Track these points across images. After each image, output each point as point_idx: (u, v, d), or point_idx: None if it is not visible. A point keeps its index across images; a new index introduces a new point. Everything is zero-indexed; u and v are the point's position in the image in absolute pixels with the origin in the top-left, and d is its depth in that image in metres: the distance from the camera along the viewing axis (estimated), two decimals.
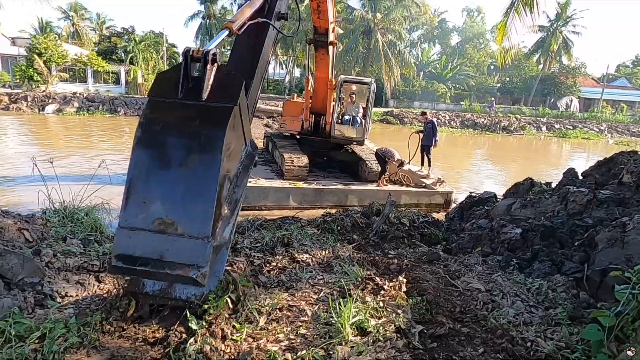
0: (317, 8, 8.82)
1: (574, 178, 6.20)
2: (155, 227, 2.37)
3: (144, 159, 2.47)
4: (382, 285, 3.69)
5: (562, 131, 33.79)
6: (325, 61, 10.36)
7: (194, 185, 2.42)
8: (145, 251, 2.38)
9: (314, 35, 9.89)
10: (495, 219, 6.22)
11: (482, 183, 14.14)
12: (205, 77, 2.53)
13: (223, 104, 2.53)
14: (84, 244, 5.02)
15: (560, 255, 4.35)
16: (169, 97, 2.53)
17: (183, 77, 2.53)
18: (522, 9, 8.61)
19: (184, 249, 2.36)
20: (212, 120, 2.49)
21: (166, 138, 2.47)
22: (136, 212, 2.40)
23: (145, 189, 2.42)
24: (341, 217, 6.95)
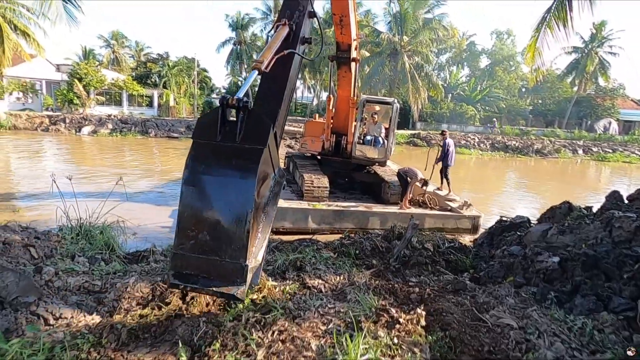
0: (340, 22, 8.69)
1: (619, 202, 5.60)
2: (202, 252, 2.86)
3: (191, 195, 2.91)
4: (398, 318, 3.27)
5: (601, 154, 32.13)
6: (347, 79, 10.20)
7: (232, 217, 2.87)
8: (195, 271, 2.90)
9: (336, 52, 9.78)
10: (529, 245, 5.67)
11: (514, 207, 13.38)
12: (238, 122, 2.92)
13: (254, 146, 2.92)
14: (91, 262, 4.88)
15: (606, 289, 3.80)
16: (209, 140, 2.94)
17: (220, 122, 2.94)
18: (555, 24, 8.18)
19: (226, 271, 2.86)
20: (246, 161, 2.90)
21: (208, 176, 2.90)
22: (186, 240, 2.89)
23: (192, 221, 2.89)
24: (360, 240, 6.56)
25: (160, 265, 4.73)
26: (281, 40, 3.76)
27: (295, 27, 4.04)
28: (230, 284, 2.85)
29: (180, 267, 2.92)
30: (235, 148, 2.90)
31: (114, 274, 4.46)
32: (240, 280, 2.84)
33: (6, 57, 22.06)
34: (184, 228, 2.88)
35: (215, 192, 2.89)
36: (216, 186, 2.89)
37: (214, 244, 2.84)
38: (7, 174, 14.27)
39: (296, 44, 4.01)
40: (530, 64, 8.67)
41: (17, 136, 23.76)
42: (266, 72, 3.54)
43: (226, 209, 2.87)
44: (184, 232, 2.88)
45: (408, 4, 30.88)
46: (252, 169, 2.87)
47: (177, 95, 38.28)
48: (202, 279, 2.89)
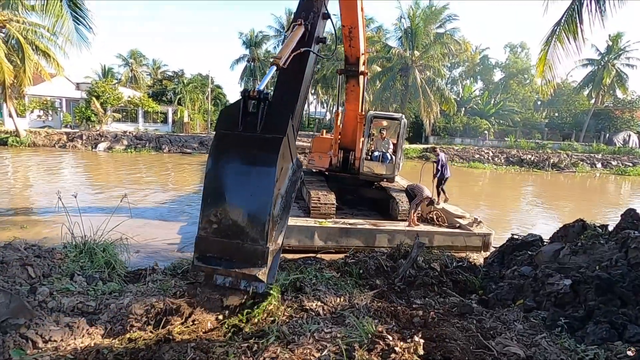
0: (349, 34, 8.70)
1: (635, 220, 5.32)
2: (225, 236, 3.03)
3: (214, 182, 3.10)
4: (394, 346, 3.10)
5: (620, 168, 31.20)
6: (356, 93, 10.16)
7: (253, 203, 3.04)
8: (218, 254, 3.10)
9: (344, 65, 9.79)
10: (541, 266, 5.42)
11: (533, 224, 12.94)
12: (259, 113, 3.10)
13: (274, 135, 3.09)
14: (88, 281, 4.83)
15: (621, 316, 3.55)
16: (232, 130, 3.12)
17: (242, 113, 3.12)
18: (565, 36, 8.00)
19: (248, 253, 3.03)
20: (266, 149, 3.07)
21: (230, 164, 3.09)
22: (209, 224, 3.06)
23: (216, 206, 3.06)
24: (364, 259, 6.38)
25: (156, 285, 4.66)
26: (297, 39, 3.97)
27: (311, 27, 4.27)
28: (252, 266, 3.05)
29: (204, 250, 3.11)
30: (256, 138, 3.08)
31: (109, 294, 4.40)
32: (262, 262, 3.03)
33: (27, 76, 22.81)
34: (207, 213, 3.07)
35: (238, 179, 3.07)
36: (238, 174, 3.07)
37: (236, 228, 3.02)
38: (23, 189, 14.56)
39: (311, 43, 4.24)
40: (541, 78, 8.46)
41: (36, 152, 24.39)
42: (284, 68, 3.74)
43: (248, 195, 3.04)
44: (207, 217, 3.06)
45: (419, 19, 30.99)
46: (272, 157, 3.04)
47: (192, 112, 38.92)
48: (225, 261, 3.09)
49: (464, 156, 31.96)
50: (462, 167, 29.76)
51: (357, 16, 8.30)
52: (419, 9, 31.49)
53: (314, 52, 4.31)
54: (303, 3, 4.54)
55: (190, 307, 4.15)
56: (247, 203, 3.05)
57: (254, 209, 3.04)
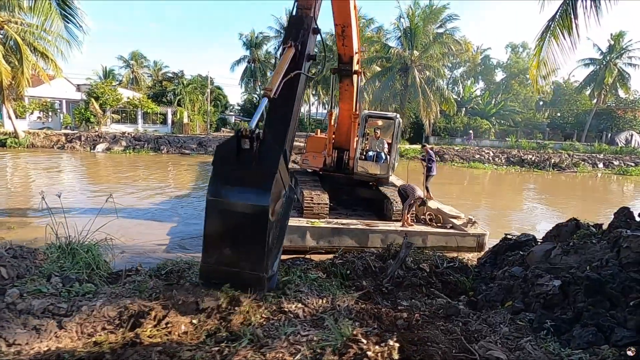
0: (342, 33, 8.60)
1: (628, 219, 5.16)
2: (225, 265, 3.44)
3: (215, 214, 3.39)
4: (367, 351, 2.95)
5: (622, 168, 30.92)
6: (350, 92, 10.04)
7: (250, 235, 3.37)
8: (220, 280, 3.51)
9: (338, 65, 9.69)
10: (531, 266, 5.26)
11: (534, 225, 12.74)
12: (253, 150, 3.34)
13: (267, 171, 3.36)
14: (64, 282, 4.70)
15: (608, 318, 3.40)
16: (227, 166, 3.40)
17: (236, 150, 3.37)
18: (560, 32, 7.84)
19: (246, 281, 3.45)
20: (260, 184, 3.33)
21: (228, 199, 3.35)
22: (211, 255, 3.45)
23: (216, 238, 3.42)
24: (352, 259, 6.24)
25: (133, 287, 4.53)
26: (288, 62, 4.08)
27: (301, 46, 4.35)
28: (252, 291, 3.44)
29: (207, 277, 3.53)
30: (250, 173, 3.35)
31: (82, 296, 4.27)
32: (259, 288, 3.45)
33: (25, 78, 22.80)
34: (209, 244, 3.43)
35: (235, 212, 3.34)
36: (235, 207, 3.34)
37: (236, 258, 3.39)
38: (16, 190, 14.49)
39: (302, 64, 4.34)
40: (535, 75, 8.31)
41: (34, 154, 24.37)
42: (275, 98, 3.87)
43: (245, 228, 3.35)
44: (209, 247, 3.42)
45: (419, 18, 30.82)
46: (266, 191, 3.30)
47: (191, 113, 38.90)
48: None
49: (464, 156, 31.76)
50: (462, 167, 29.56)
51: (350, 15, 8.19)
52: (419, 8, 31.37)
53: (305, 74, 4.43)
54: (293, 21, 4.60)
55: (165, 309, 4.01)
56: (244, 235, 3.38)
57: (251, 240, 3.38)
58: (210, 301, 4.07)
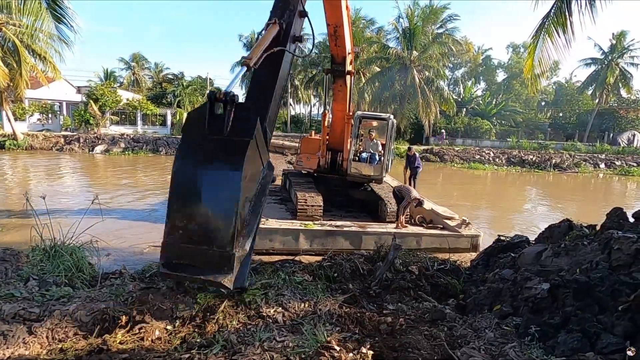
0: (334, 33, 8.49)
1: (621, 220, 5.02)
2: (191, 242, 2.95)
3: (181, 186, 3.02)
4: (338, 358, 2.83)
5: (624, 168, 30.63)
6: (343, 92, 9.92)
7: (219, 208, 2.97)
8: (184, 260, 2.99)
9: (331, 65, 9.57)
10: (522, 269, 5.13)
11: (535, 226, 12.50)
12: (226, 115, 3.00)
13: (241, 138, 3.00)
14: (41, 286, 4.60)
15: (595, 324, 3.26)
16: (198, 134, 3.03)
17: (209, 116, 3.02)
18: (554, 30, 7.70)
19: (213, 259, 2.94)
20: (233, 152, 2.98)
21: (196, 168, 2.98)
22: (175, 229, 2.97)
23: (182, 211, 2.98)
24: (340, 262, 6.11)
25: (109, 291, 4.42)
26: (271, 38, 3.81)
27: (286, 25, 4.10)
28: (218, 272, 2.95)
29: (170, 256, 3.02)
30: (222, 141, 2.99)
31: (56, 300, 4.17)
32: (228, 268, 2.93)
33: (23, 80, 22.79)
34: (173, 218, 2.99)
35: (204, 183, 2.98)
36: (204, 178, 2.99)
37: (203, 234, 2.95)
38: (9, 191, 14.43)
39: (287, 43, 4.06)
40: (529, 74, 8.16)
41: (32, 155, 24.36)
42: (257, 70, 3.61)
43: (214, 200, 2.98)
44: (173, 223, 2.98)
45: (418, 18, 30.69)
46: (238, 160, 2.95)
47: None
48: (191, 267, 2.99)
49: (465, 157, 31.56)
50: (462, 168, 29.36)
51: (342, 14, 8.07)
52: (418, 8, 31.25)
53: (289, 52, 4.13)
54: (278, 1, 4.33)
55: (140, 314, 3.91)
56: (212, 208, 2.97)
57: (219, 214, 2.97)
58: (185, 310, 3.96)
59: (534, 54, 8.03)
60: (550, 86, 55.64)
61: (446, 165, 30.41)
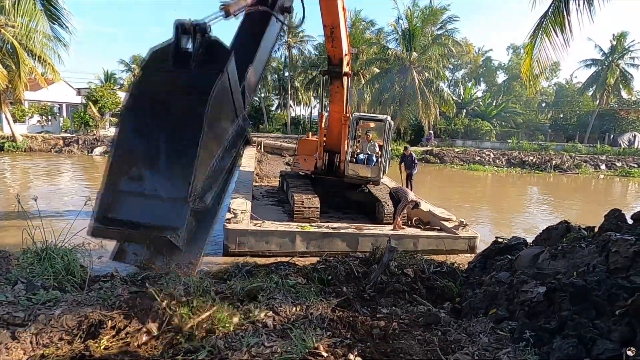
0: (331, 34, 8.45)
1: (619, 222, 4.93)
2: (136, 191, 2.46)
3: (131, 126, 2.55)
4: None
5: (625, 169, 30.52)
6: (340, 94, 9.87)
7: (176, 150, 2.48)
8: (125, 214, 2.50)
9: (328, 66, 9.53)
10: (518, 271, 5.04)
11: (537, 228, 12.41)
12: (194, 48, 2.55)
13: (210, 71, 2.52)
14: (28, 290, 4.52)
15: (591, 329, 3.17)
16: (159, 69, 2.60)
17: (174, 49, 2.58)
18: (552, 29, 7.62)
19: (162, 211, 2.43)
20: (198, 88, 2.49)
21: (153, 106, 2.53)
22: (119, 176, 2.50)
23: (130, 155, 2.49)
24: (335, 264, 6.03)
25: (97, 294, 4.34)
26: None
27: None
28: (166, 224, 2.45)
29: (107, 209, 2.53)
30: (187, 76, 2.57)
31: (42, 304, 4.08)
32: (179, 220, 2.45)
33: (22, 81, 22.77)
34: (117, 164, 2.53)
35: (160, 122, 2.52)
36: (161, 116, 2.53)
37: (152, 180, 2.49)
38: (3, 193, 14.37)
39: (274, 9, 3.71)
40: (527, 74, 8.08)
41: (31, 157, 24.33)
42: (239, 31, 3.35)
43: (170, 140, 2.49)
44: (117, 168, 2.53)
45: (417, 19, 30.65)
46: (203, 95, 2.45)
47: None
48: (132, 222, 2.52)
49: (465, 158, 31.47)
50: (462, 169, 29.27)
51: (339, 16, 8.02)
52: (417, 9, 31.21)
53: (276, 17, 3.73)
54: None
55: (127, 319, 3.82)
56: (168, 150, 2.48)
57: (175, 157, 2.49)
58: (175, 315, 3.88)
59: (532, 54, 7.96)
60: (551, 87, 55.60)
61: (446, 166, 30.33)
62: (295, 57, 50.56)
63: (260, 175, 16.50)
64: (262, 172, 17.41)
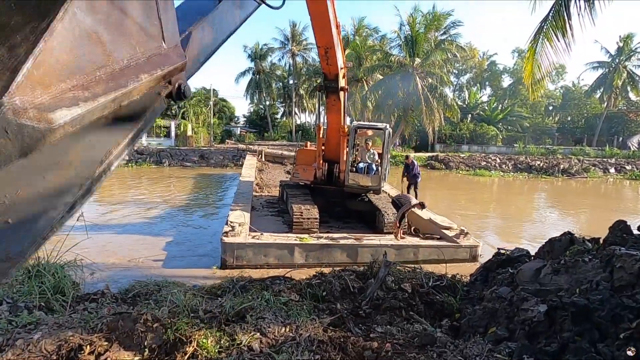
0: (326, 54, 8.31)
1: (624, 234, 4.70)
2: None
3: None
4: None
5: (635, 173, 29.93)
6: (337, 107, 9.73)
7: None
8: None
9: (323, 82, 9.32)
10: (520, 287, 4.82)
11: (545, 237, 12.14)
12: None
13: None
14: (11, 311, 4.41)
15: (592, 354, 2.95)
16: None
17: None
18: (553, 33, 7.44)
19: None
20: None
21: None
22: None
23: None
24: (330, 279, 5.84)
25: (79, 316, 4.21)
26: None
27: None
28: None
29: None
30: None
31: (22, 327, 3.96)
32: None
33: None
34: None
35: None
36: None
37: None
38: None
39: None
40: (529, 79, 7.89)
41: None
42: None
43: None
44: None
45: (420, 25, 30.56)
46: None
47: (195, 125, 39.02)
48: None
49: (470, 164, 31.13)
50: (468, 175, 28.93)
51: (333, 37, 7.83)
52: (419, 15, 31.13)
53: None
54: None
55: (108, 342, 3.69)
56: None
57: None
58: (154, 339, 3.74)
59: (533, 59, 7.78)
60: (558, 90, 55.07)
61: (451, 172, 30.01)
62: (299, 64, 50.82)
63: (261, 184, 16.38)
64: (263, 182, 17.29)
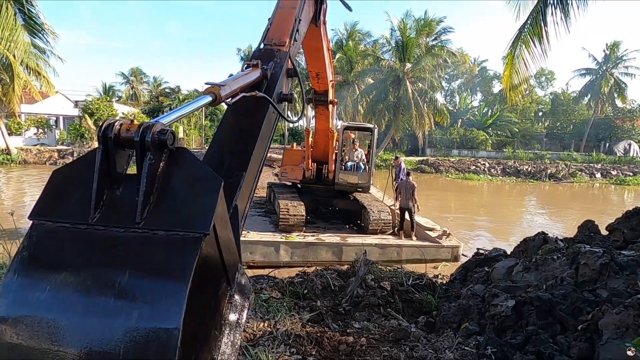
0: (317, 76, 8.36)
1: (592, 233, 4.89)
2: None
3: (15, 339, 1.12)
4: None
5: (620, 178, 30.49)
6: (325, 115, 9.83)
7: None
8: None
9: (313, 95, 9.35)
10: (492, 284, 4.98)
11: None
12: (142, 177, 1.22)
13: (181, 232, 1.16)
14: None
15: (551, 345, 3.11)
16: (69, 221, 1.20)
17: (99, 180, 1.20)
18: (530, 40, 7.68)
19: None
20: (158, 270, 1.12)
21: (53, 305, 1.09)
22: None
23: None
24: (311, 278, 5.97)
25: None
26: (250, 80, 2.36)
27: (270, 76, 2.71)
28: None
29: None
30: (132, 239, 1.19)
31: None
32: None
33: (16, 94, 22.82)
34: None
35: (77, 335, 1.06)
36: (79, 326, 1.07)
37: None
38: None
39: (271, 95, 2.57)
40: (507, 83, 8.12)
41: (25, 170, 24.32)
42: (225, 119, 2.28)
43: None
44: None
45: (411, 30, 30.89)
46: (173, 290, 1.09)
47: (187, 128, 38.98)
48: None
49: (460, 168, 31.50)
50: (457, 179, 29.26)
51: (325, 63, 7.86)
52: (410, 20, 31.48)
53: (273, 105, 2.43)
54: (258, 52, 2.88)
55: None
56: None
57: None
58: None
59: (511, 65, 8.01)
60: (547, 96, 55.88)
61: (441, 175, 30.33)
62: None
63: None
64: None
